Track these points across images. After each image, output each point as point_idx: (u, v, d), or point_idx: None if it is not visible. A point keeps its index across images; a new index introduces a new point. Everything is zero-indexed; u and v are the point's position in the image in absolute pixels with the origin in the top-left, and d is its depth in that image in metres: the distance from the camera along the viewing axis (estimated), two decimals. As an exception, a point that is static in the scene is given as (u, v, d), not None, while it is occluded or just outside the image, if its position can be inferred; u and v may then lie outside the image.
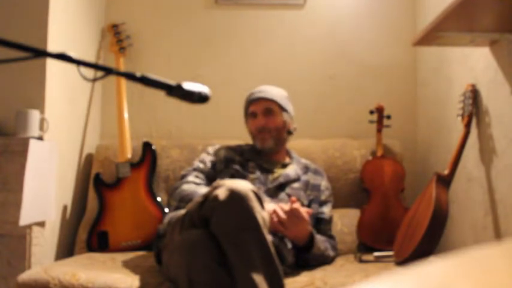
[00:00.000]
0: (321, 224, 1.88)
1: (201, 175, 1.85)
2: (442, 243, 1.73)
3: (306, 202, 1.86)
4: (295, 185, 1.87)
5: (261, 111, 1.90)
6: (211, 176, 1.85)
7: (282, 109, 1.92)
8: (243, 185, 1.38)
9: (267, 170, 1.88)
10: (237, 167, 1.84)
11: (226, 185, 1.37)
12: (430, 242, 1.58)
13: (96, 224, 2.10)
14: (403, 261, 1.65)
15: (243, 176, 1.78)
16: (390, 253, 1.81)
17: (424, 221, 1.61)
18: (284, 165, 1.94)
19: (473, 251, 0.43)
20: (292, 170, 1.91)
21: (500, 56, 1.67)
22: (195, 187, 1.75)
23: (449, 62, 2.12)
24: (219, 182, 1.42)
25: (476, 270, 0.39)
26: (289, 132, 1.96)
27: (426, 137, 2.43)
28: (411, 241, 1.64)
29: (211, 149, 1.96)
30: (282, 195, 1.82)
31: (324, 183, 1.96)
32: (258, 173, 1.84)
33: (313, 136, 2.43)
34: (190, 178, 1.82)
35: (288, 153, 2.03)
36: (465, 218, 1.93)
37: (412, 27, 2.56)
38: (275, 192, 1.82)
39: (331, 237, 1.90)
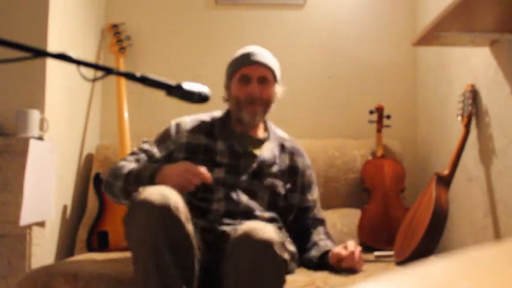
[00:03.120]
0: (307, 212, 1.72)
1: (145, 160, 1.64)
2: (442, 243, 1.73)
3: (283, 191, 1.65)
4: (272, 169, 1.65)
5: (256, 77, 1.63)
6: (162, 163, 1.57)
7: (276, 80, 1.69)
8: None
9: (239, 154, 1.63)
10: (200, 157, 1.60)
11: None
12: (430, 241, 1.58)
13: (96, 224, 2.10)
14: (404, 261, 1.65)
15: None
16: (390, 253, 1.81)
17: (424, 221, 1.61)
18: (260, 142, 1.70)
19: (473, 251, 0.43)
20: (268, 151, 1.67)
21: (500, 56, 1.67)
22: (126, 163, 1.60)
23: (449, 62, 2.12)
24: None
25: (476, 270, 0.39)
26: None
27: (426, 137, 2.43)
28: (411, 241, 1.64)
29: (173, 129, 1.69)
30: (259, 186, 1.61)
31: (303, 162, 1.74)
32: (227, 160, 1.61)
33: (313, 136, 2.43)
34: (129, 158, 1.66)
35: (264, 124, 1.76)
36: (465, 218, 1.93)
37: (412, 27, 2.56)
38: (250, 183, 1.60)
39: (321, 221, 1.73)
